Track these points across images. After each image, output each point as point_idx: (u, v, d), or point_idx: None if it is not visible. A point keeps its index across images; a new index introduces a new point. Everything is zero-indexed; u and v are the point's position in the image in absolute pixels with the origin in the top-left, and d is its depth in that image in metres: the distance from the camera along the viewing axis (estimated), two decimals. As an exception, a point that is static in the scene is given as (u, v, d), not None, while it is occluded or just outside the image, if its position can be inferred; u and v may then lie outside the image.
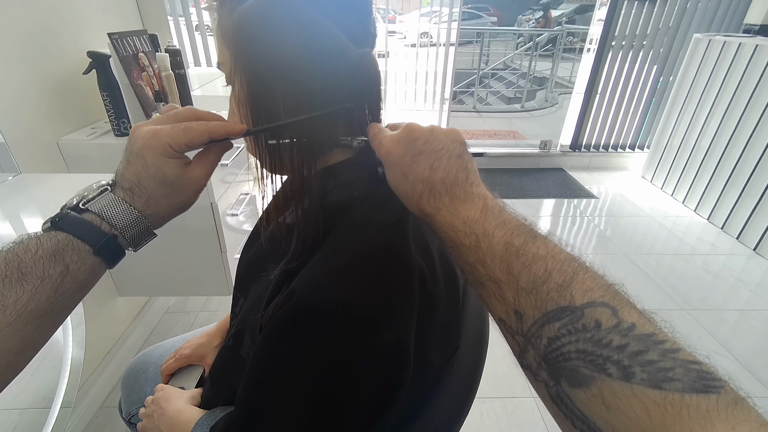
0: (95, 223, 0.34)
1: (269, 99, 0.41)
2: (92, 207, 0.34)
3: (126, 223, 0.35)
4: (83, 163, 1.12)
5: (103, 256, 0.34)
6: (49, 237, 0.31)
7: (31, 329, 0.30)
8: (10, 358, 0.29)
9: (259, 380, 0.39)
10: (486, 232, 0.30)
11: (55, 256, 0.31)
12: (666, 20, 2.67)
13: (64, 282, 0.31)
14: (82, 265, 0.32)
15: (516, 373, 1.39)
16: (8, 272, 0.29)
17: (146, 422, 0.58)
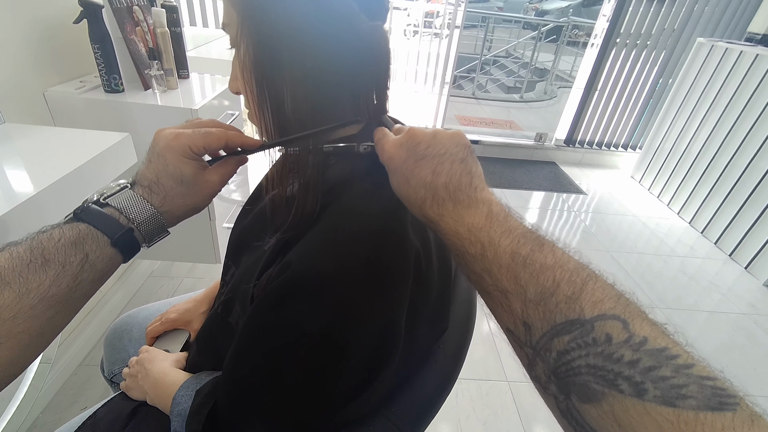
0: (114, 216, 0.36)
1: (275, 66, 0.40)
2: (112, 202, 0.36)
3: (143, 217, 0.37)
4: (70, 118, 1.08)
5: (120, 247, 0.35)
6: (71, 227, 0.33)
7: (52, 313, 0.31)
8: (30, 340, 0.30)
9: (249, 348, 0.39)
10: (492, 240, 0.30)
11: (75, 244, 0.32)
12: (672, 21, 2.66)
13: (84, 270, 0.33)
14: (101, 254, 0.34)
15: (492, 357, 1.44)
16: (32, 258, 0.30)
17: (130, 382, 0.58)
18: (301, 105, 0.41)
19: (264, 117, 0.43)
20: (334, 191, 0.41)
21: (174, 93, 1.20)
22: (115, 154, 0.82)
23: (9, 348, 0.28)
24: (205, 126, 0.41)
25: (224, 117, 1.31)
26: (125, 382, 0.59)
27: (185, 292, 1.54)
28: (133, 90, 1.15)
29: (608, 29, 2.71)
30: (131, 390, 0.58)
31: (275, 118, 0.42)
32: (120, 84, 1.10)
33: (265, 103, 0.42)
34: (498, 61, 5.73)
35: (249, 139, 0.43)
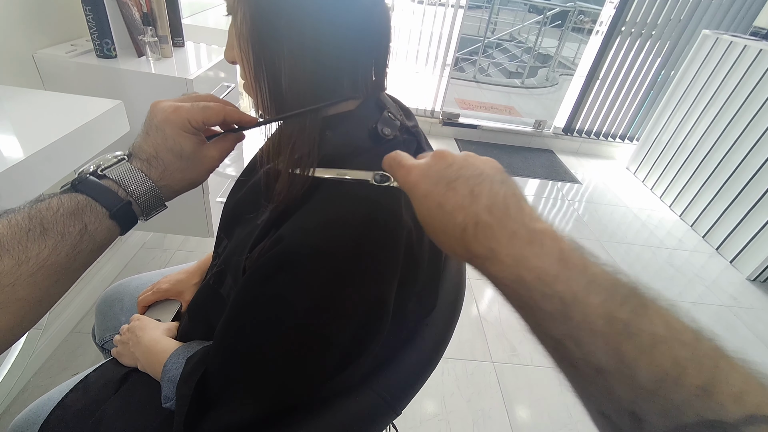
0: (113, 189, 0.35)
1: (272, 35, 0.39)
2: (110, 174, 0.36)
3: (141, 191, 0.36)
4: (61, 82, 1.05)
5: (118, 220, 0.35)
6: (69, 197, 0.33)
7: (50, 282, 0.31)
8: (29, 307, 0.30)
9: (239, 319, 0.40)
10: (575, 296, 0.22)
11: (74, 215, 0.32)
12: (679, 11, 2.62)
13: (83, 240, 0.32)
14: (99, 225, 0.34)
15: (479, 339, 1.47)
16: (31, 226, 0.30)
17: (121, 349, 0.59)
18: (298, 77, 0.40)
19: (260, 88, 0.42)
20: (329, 167, 0.41)
21: (168, 61, 1.17)
22: (107, 121, 0.81)
23: (9, 314, 0.29)
24: (202, 100, 0.40)
25: (220, 89, 1.28)
26: (116, 349, 0.60)
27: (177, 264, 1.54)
28: (126, 56, 1.12)
29: (614, 16, 2.67)
30: (122, 356, 0.59)
31: (271, 89, 0.41)
32: (112, 49, 1.07)
33: (261, 73, 0.41)
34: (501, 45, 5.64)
35: (246, 115, 0.42)
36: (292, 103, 0.42)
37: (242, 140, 0.45)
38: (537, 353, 1.45)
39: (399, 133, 0.45)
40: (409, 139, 0.47)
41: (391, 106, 0.48)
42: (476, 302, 1.64)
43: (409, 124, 0.49)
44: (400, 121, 0.47)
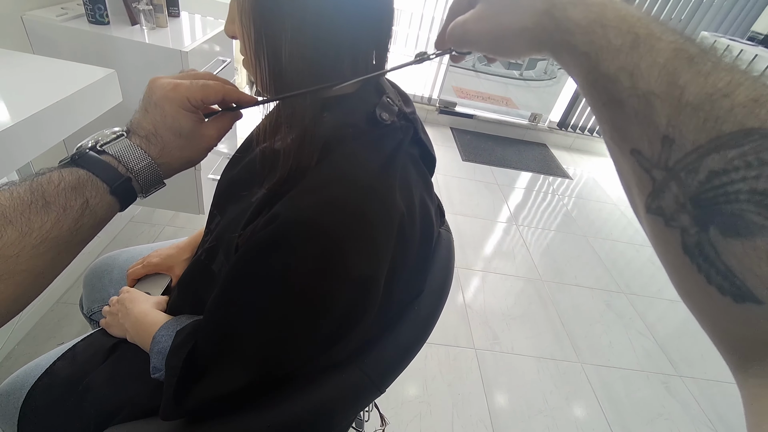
0: (112, 165, 0.35)
1: (275, 11, 0.39)
2: (109, 150, 0.36)
3: (140, 167, 0.37)
4: (50, 46, 1.02)
5: (118, 196, 0.35)
6: (70, 172, 0.33)
7: (53, 255, 0.31)
8: (32, 279, 0.30)
9: (232, 294, 0.40)
10: (651, 33, 0.22)
11: (75, 189, 0.32)
12: (679, 12, 2.62)
13: (84, 215, 0.33)
14: (100, 201, 0.34)
15: (463, 326, 1.51)
16: (33, 199, 0.30)
17: (110, 320, 0.59)
18: (299, 54, 0.40)
19: (259, 65, 0.42)
20: (326, 148, 0.41)
21: (163, 31, 1.14)
22: (99, 90, 0.79)
23: (14, 284, 0.29)
24: (201, 78, 0.40)
25: (215, 63, 1.25)
26: (105, 320, 0.60)
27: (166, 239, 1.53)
28: (119, 24, 1.09)
29: (616, 12, 2.66)
30: (111, 327, 0.59)
31: (271, 66, 0.41)
32: (105, 15, 1.04)
33: (261, 50, 0.41)
34: (502, 34, 5.59)
35: (245, 94, 0.42)
36: (292, 81, 0.41)
37: (240, 119, 0.45)
38: (518, 342, 1.49)
39: (397, 118, 0.46)
40: (406, 125, 0.47)
41: (390, 91, 0.48)
42: (462, 291, 1.67)
43: (407, 110, 0.49)
44: (399, 106, 0.47)
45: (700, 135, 0.19)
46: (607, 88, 0.24)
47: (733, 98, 0.19)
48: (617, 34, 0.23)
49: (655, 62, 0.21)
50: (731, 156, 0.18)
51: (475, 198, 2.32)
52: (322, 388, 0.43)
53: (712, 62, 0.20)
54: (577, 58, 0.25)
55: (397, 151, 0.44)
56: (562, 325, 1.61)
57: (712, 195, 0.19)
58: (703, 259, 0.20)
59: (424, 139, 0.51)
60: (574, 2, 0.26)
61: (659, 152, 0.21)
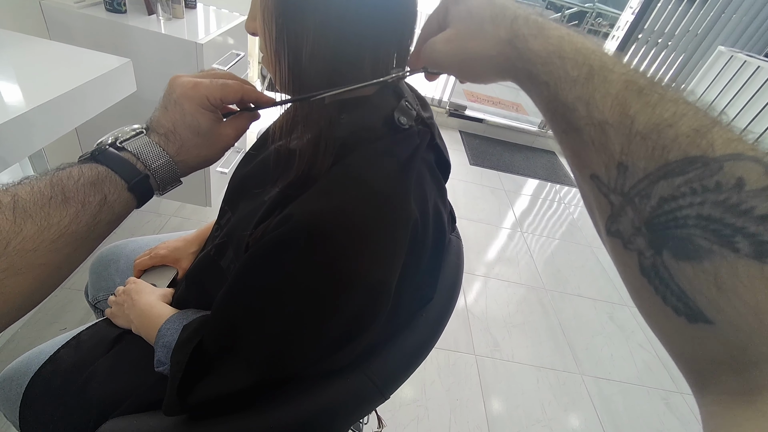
0: (131, 162, 0.35)
1: (298, 11, 0.38)
2: (128, 146, 0.36)
3: (158, 165, 0.37)
4: (66, 33, 1.03)
5: (135, 193, 0.35)
6: (89, 167, 0.33)
7: (71, 250, 0.31)
8: (50, 273, 0.31)
9: (241, 293, 0.40)
10: (604, 65, 0.24)
11: (94, 185, 0.33)
12: (697, 25, 2.60)
13: (102, 211, 0.33)
14: (118, 197, 0.34)
15: (464, 331, 1.50)
16: (53, 194, 0.30)
17: (115, 310, 0.59)
18: (320, 54, 0.40)
19: (279, 63, 0.41)
20: (342, 150, 0.41)
21: (179, 22, 1.14)
22: (114, 79, 0.79)
23: (31, 278, 0.29)
24: (221, 77, 0.40)
25: (229, 56, 1.25)
26: (111, 310, 0.60)
27: (171, 230, 1.53)
28: (135, 13, 1.09)
29: (632, 22, 2.64)
30: (116, 317, 0.59)
31: (291, 65, 0.41)
32: (123, 4, 1.04)
33: (282, 48, 0.40)
34: (515, 39, 5.56)
35: (263, 95, 0.42)
36: (311, 81, 0.41)
37: (257, 119, 0.45)
38: (518, 350, 1.48)
39: (415, 123, 0.45)
40: (423, 130, 0.47)
41: (408, 95, 0.48)
42: (464, 295, 1.66)
43: (425, 115, 0.48)
44: (417, 111, 0.47)
45: (649, 163, 0.21)
46: (566, 116, 0.25)
47: (677, 128, 0.20)
48: (574, 65, 0.25)
49: (608, 93, 0.23)
50: (678, 183, 0.20)
51: (481, 203, 2.31)
52: (326, 391, 0.43)
53: (659, 93, 0.22)
54: (538, 86, 0.27)
55: (413, 156, 0.43)
56: (563, 335, 1.60)
57: (664, 220, 0.20)
58: (659, 281, 0.21)
59: (440, 144, 0.51)
60: (535, 34, 0.27)
61: (615, 178, 0.23)
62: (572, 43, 0.26)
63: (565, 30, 0.27)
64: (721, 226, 0.18)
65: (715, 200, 0.19)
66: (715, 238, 0.19)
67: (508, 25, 0.29)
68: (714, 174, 0.19)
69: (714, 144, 0.19)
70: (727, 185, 0.19)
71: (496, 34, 0.29)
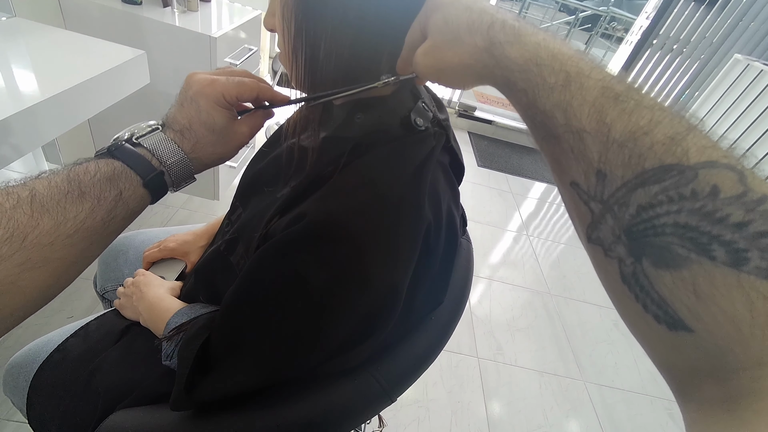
0: (146, 158, 0.36)
1: (318, 8, 0.38)
2: (144, 142, 0.36)
3: (173, 161, 0.37)
4: (82, 23, 1.03)
5: (150, 189, 0.36)
6: (106, 163, 0.33)
7: (86, 245, 0.32)
8: (65, 267, 0.31)
9: (251, 290, 0.40)
10: (581, 71, 0.24)
11: (110, 180, 0.33)
12: (714, 32, 2.56)
13: (117, 206, 0.33)
14: (133, 193, 0.34)
15: (467, 333, 1.50)
16: (70, 189, 0.30)
17: (124, 301, 0.59)
18: (337, 54, 0.39)
19: (296, 60, 0.41)
20: (357, 150, 0.41)
21: (193, 15, 1.14)
22: (128, 71, 0.79)
23: (47, 273, 0.29)
24: (237, 75, 0.41)
25: (242, 50, 1.25)
26: (119, 301, 0.60)
27: (179, 223, 1.54)
28: (151, 4, 1.09)
29: (647, 28, 2.61)
30: (125, 309, 0.59)
31: (308, 63, 0.40)
32: (138, -5, 1.04)
33: (300, 46, 0.40)
34: (527, 41, 5.52)
35: (278, 93, 0.42)
36: (328, 78, 0.41)
37: (272, 117, 0.45)
38: (522, 354, 1.48)
39: (431, 125, 0.45)
40: (439, 132, 0.46)
41: (425, 96, 0.47)
42: (469, 297, 1.65)
43: (441, 117, 0.48)
44: (433, 112, 0.46)
45: (627, 171, 0.21)
46: (545, 123, 0.25)
47: (653, 136, 0.20)
48: (550, 72, 0.25)
49: (585, 100, 0.23)
50: (655, 191, 0.20)
51: (488, 205, 2.30)
52: (334, 391, 0.43)
53: (635, 100, 0.22)
54: (517, 94, 0.27)
55: (428, 159, 0.43)
56: (567, 341, 1.59)
57: (643, 228, 0.20)
58: (639, 288, 0.21)
59: (455, 146, 0.50)
60: (511, 41, 0.27)
61: (594, 185, 0.23)
62: (549, 49, 0.26)
63: (542, 35, 0.27)
64: (698, 234, 0.19)
65: (691, 208, 0.19)
66: (693, 246, 0.19)
67: (485, 33, 0.28)
68: (689, 182, 0.19)
69: (689, 151, 0.19)
70: (703, 193, 0.19)
71: (472, 43, 0.29)
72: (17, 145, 0.62)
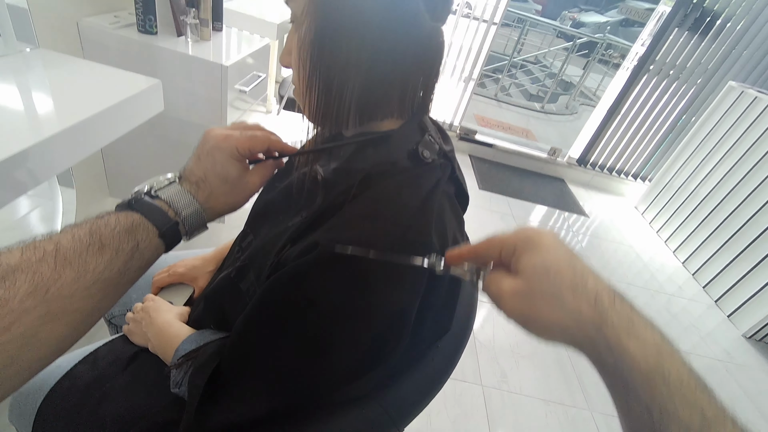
0: (163, 209, 0.38)
1: (333, 50, 0.40)
2: (162, 194, 0.39)
3: (188, 212, 0.39)
4: (100, 51, 1.07)
5: (165, 239, 0.37)
6: (126, 215, 0.35)
7: (102, 296, 0.33)
8: (82, 319, 0.32)
9: (263, 317, 0.40)
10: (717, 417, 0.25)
11: (129, 232, 0.34)
12: (708, 59, 2.63)
13: (134, 257, 0.34)
14: (149, 243, 0.36)
15: (471, 361, 1.48)
16: (92, 241, 0.32)
17: (133, 327, 0.60)
18: (350, 91, 0.42)
19: (310, 96, 0.43)
20: (367, 182, 0.42)
21: (206, 44, 1.18)
22: (143, 99, 0.82)
23: (65, 324, 0.30)
24: (250, 129, 0.44)
25: (251, 77, 1.29)
26: (128, 327, 0.61)
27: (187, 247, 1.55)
28: (166, 34, 1.14)
29: (643, 54, 2.68)
30: (134, 335, 0.60)
31: (321, 99, 0.43)
32: (154, 26, 1.08)
33: (314, 82, 0.42)
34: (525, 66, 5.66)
35: (288, 145, 0.46)
36: (340, 115, 0.43)
37: (282, 167, 0.48)
38: (526, 382, 1.45)
39: (437, 156, 0.46)
40: (445, 163, 0.48)
41: (432, 129, 0.49)
42: (472, 321, 1.64)
43: (446, 149, 0.50)
44: (439, 144, 0.48)
45: None
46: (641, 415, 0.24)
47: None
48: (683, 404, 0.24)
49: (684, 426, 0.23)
50: None
51: (490, 228, 2.31)
52: (341, 420, 0.43)
53: None
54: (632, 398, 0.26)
55: (435, 189, 0.44)
56: (572, 369, 1.57)
57: None
58: None
59: (460, 177, 0.52)
60: (627, 328, 0.27)
61: None
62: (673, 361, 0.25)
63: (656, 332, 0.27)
64: None
65: None
66: None
67: (592, 304, 0.28)
68: None
69: None
70: None
71: (577, 308, 0.28)
72: (35, 173, 0.63)
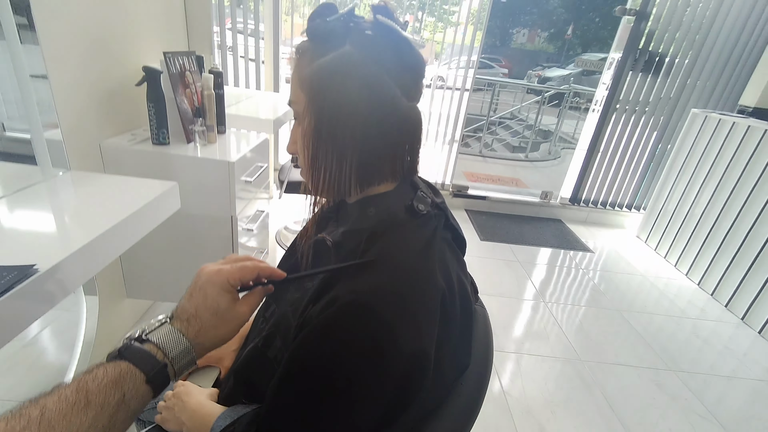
0: (152, 352, 0.39)
1: (331, 135, 0.49)
2: (152, 337, 0.40)
3: (177, 351, 0.40)
4: (119, 165, 1.20)
5: (153, 384, 0.38)
6: (113, 366, 0.36)
7: None
8: None
9: (295, 376, 0.43)
10: None
11: (116, 383, 0.35)
12: (667, 92, 2.86)
13: (119, 410, 0.35)
14: (136, 393, 0.36)
15: (505, 417, 1.41)
16: (77, 399, 0.32)
17: (166, 414, 0.61)
18: (349, 165, 0.49)
19: (314, 174, 0.51)
20: (373, 238, 0.48)
21: (213, 147, 1.32)
22: (161, 201, 0.91)
23: None
24: (240, 261, 0.47)
25: (254, 169, 1.42)
26: (161, 415, 0.62)
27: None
28: (177, 143, 1.28)
29: (608, 96, 2.91)
30: (167, 422, 0.61)
31: (326, 174, 0.50)
32: (167, 137, 1.22)
33: (316, 163, 0.50)
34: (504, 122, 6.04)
35: (276, 270, 0.48)
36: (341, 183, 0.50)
37: (271, 293, 0.50)
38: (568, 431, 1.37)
39: (431, 208, 0.53)
40: (438, 213, 0.54)
41: (422, 186, 0.57)
42: (498, 376, 1.59)
43: (438, 201, 0.56)
44: (431, 198, 0.55)
45: None
46: None
47: None
48: None
49: None
50: None
51: (497, 276, 2.32)
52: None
53: None
54: None
55: (433, 236, 0.50)
56: (612, 411, 1.48)
57: None
58: None
59: (454, 223, 0.58)
60: None
61: None
62: None
63: None
64: None
65: None
66: None
67: None
68: None
69: None
70: None
71: None
72: (64, 284, 0.67)
